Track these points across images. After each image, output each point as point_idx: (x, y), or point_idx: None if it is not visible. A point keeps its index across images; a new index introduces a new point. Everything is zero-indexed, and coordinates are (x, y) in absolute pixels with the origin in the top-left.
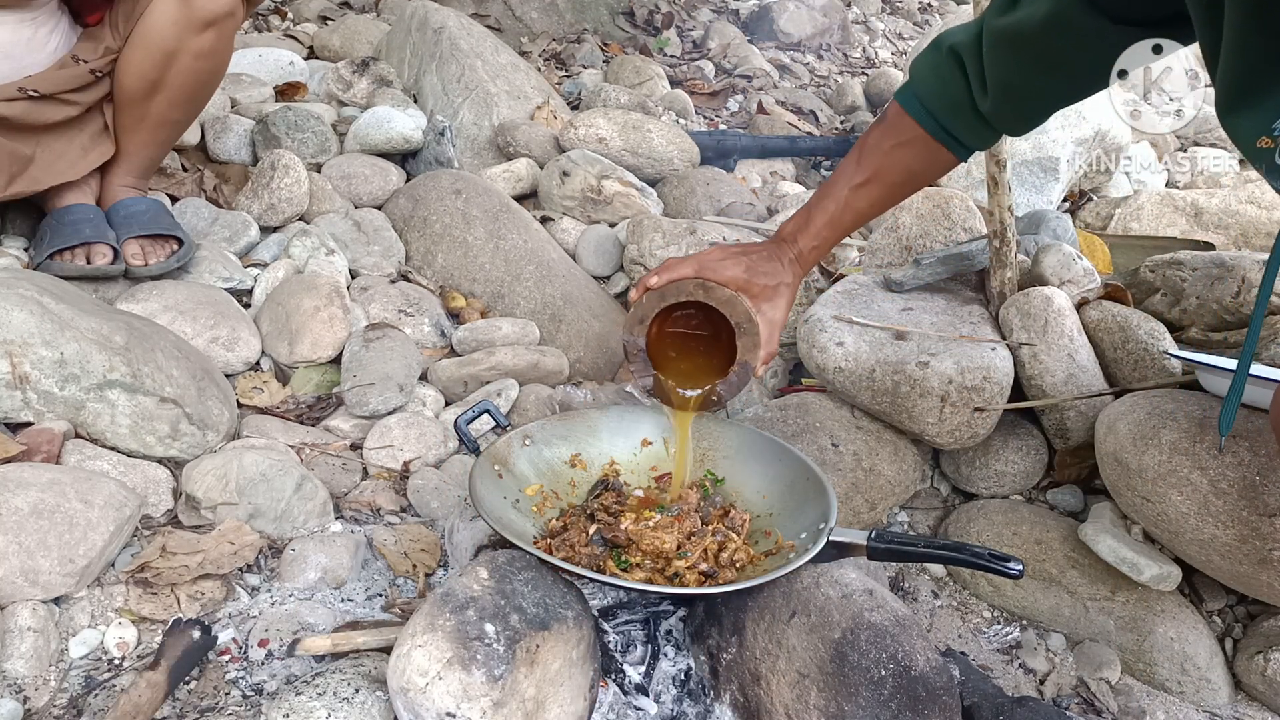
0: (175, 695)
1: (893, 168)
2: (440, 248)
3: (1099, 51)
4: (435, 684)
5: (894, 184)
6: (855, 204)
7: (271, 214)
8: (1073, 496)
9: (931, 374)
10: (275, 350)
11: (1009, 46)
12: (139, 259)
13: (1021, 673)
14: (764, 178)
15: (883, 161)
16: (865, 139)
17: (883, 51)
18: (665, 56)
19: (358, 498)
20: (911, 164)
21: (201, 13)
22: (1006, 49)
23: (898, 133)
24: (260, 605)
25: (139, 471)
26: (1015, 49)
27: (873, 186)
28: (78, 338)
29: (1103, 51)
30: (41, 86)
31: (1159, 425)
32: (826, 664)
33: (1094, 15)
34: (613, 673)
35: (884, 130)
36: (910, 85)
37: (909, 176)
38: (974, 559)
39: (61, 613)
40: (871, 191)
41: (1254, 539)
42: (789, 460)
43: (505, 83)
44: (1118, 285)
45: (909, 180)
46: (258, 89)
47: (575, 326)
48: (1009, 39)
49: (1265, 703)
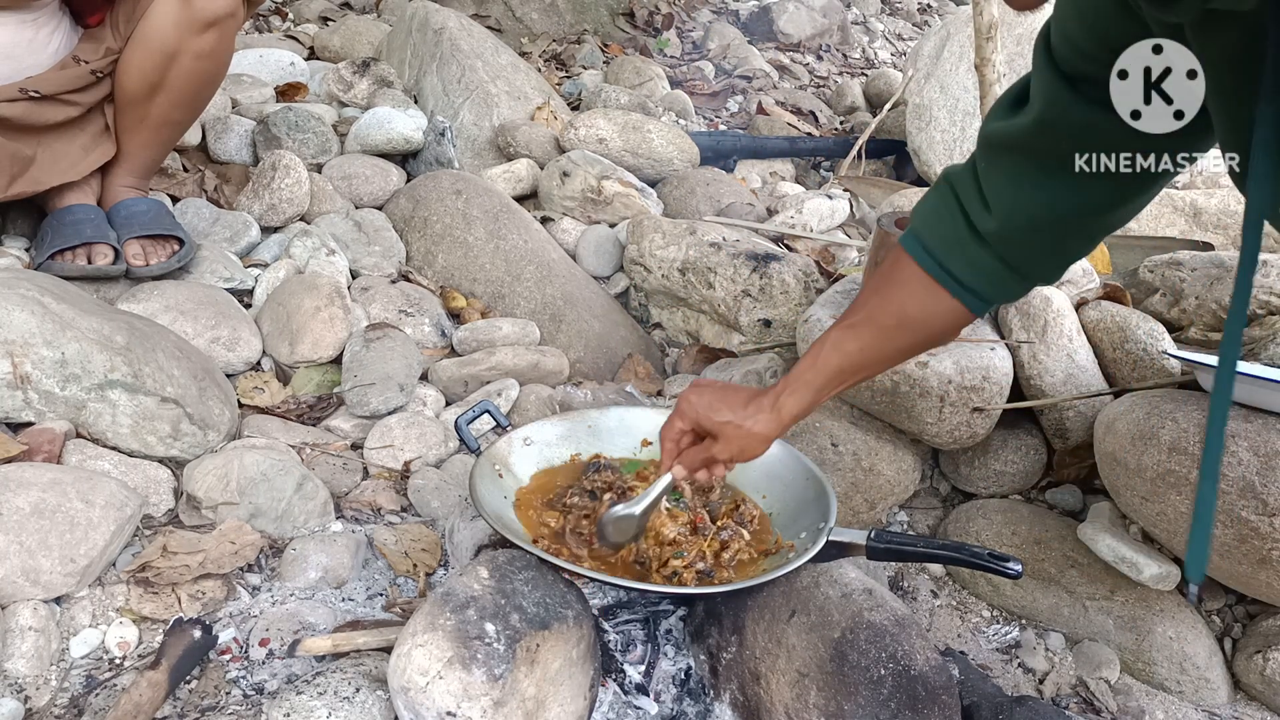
0: (176, 695)
1: (884, 308)
2: (441, 248)
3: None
4: (436, 683)
5: (886, 328)
6: (843, 345)
7: (272, 214)
8: (1072, 496)
9: (931, 374)
10: (276, 350)
11: (1005, 150)
12: (140, 259)
13: (1021, 672)
14: (764, 178)
15: (875, 301)
16: (866, 282)
17: (882, 52)
18: (665, 57)
19: (358, 497)
20: (906, 306)
21: (202, 13)
22: (1002, 152)
23: (894, 272)
24: (261, 605)
25: (140, 471)
26: (1010, 151)
27: (863, 329)
28: (79, 338)
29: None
30: (43, 87)
31: (1158, 425)
32: (826, 663)
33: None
34: (613, 672)
35: (881, 270)
36: (910, 226)
37: (902, 321)
38: (973, 559)
39: (62, 612)
40: (862, 334)
41: (1253, 539)
42: (789, 460)
43: (505, 83)
44: (1117, 285)
45: (902, 326)
46: (258, 89)
47: (575, 327)
48: (1001, 143)
49: (1264, 702)
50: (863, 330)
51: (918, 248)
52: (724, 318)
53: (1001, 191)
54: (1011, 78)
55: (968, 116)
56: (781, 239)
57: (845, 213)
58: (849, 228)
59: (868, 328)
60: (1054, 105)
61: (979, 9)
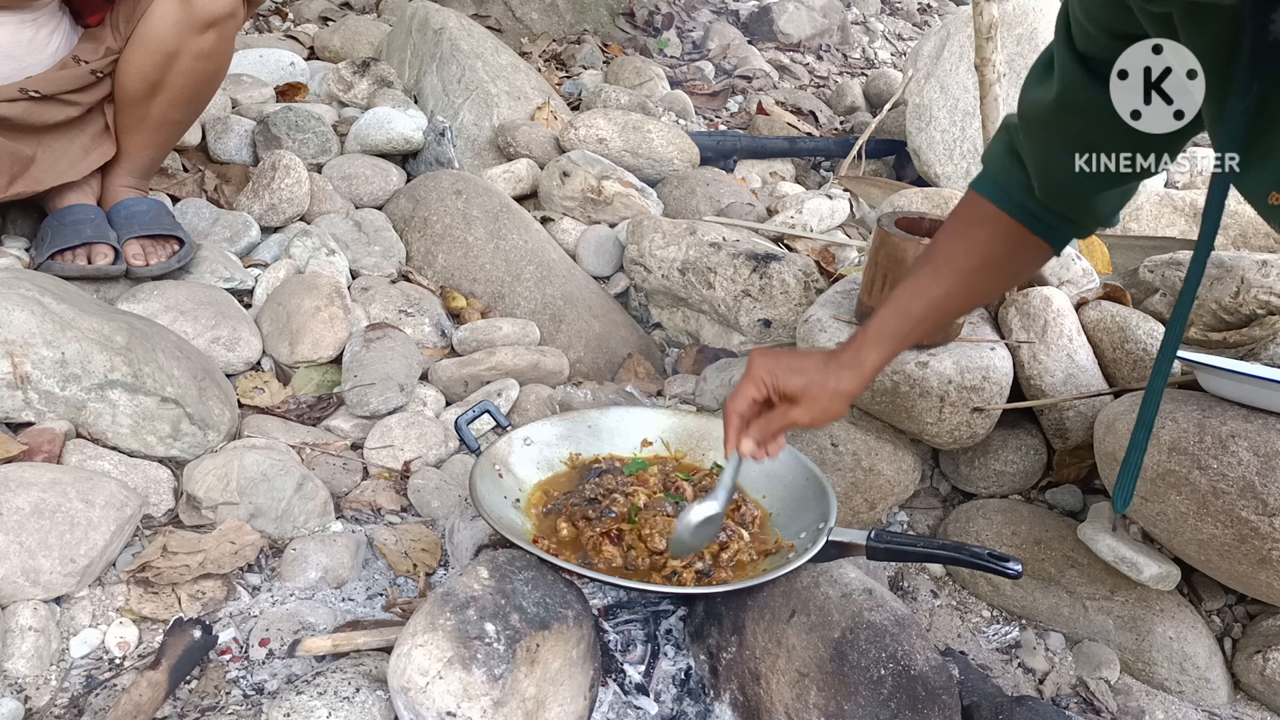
0: (176, 695)
1: (968, 250)
2: (441, 248)
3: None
4: (436, 683)
5: (970, 269)
6: (928, 290)
7: (272, 214)
8: (1072, 496)
9: (931, 374)
10: (276, 350)
11: (1035, 123)
12: (140, 259)
13: (1021, 672)
14: (764, 178)
15: (956, 244)
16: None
17: (882, 52)
18: (665, 57)
19: (358, 497)
20: (990, 246)
21: (202, 13)
22: (1032, 125)
23: (973, 214)
24: (261, 605)
25: (140, 471)
26: (1039, 125)
27: (945, 273)
28: (79, 338)
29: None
30: (43, 87)
31: (1158, 425)
32: (826, 663)
33: (1103, 89)
34: (613, 672)
35: (957, 215)
36: (983, 171)
37: (988, 261)
38: (973, 559)
39: (62, 612)
40: (944, 278)
41: (1253, 538)
42: (789, 460)
43: (505, 83)
44: (1117, 285)
45: (987, 266)
46: (258, 89)
47: (575, 326)
48: (1031, 115)
49: (1264, 702)
50: (944, 274)
51: (996, 189)
52: (724, 318)
53: (1034, 158)
54: (1012, 78)
55: (968, 116)
56: (781, 239)
57: (845, 213)
58: (849, 228)
59: (949, 271)
60: (1072, 84)
61: (979, 9)
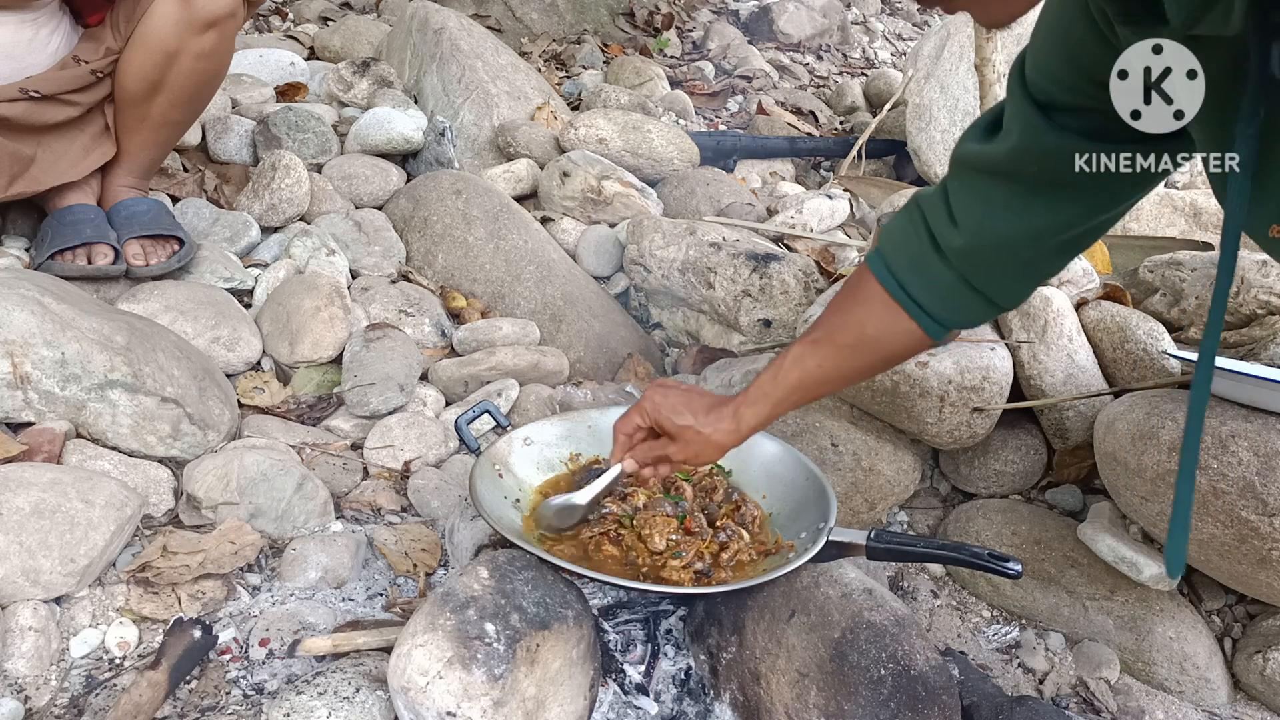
0: (176, 695)
1: (843, 326)
2: (441, 248)
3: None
4: (436, 683)
5: (844, 346)
6: (804, 360)
7: (272, 214)
8: (1072, 496)
9: (931, 374)
10: (276, 350)
11: (977, 172)
12: (140, 259)
13: (1021, 672)
14: (764, 178)
15: (836, 319)
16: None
17: (882, 52)
18: (665, 57)
19: (358, 497)
20: (865, 325)
21: (202, 13)
22: (974, 174)
23: (856, 290)
24: (261, 605)
25: (140, 471)
26: (984, 174)
27: (823, 346)
28: (79, 338)
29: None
30: (43, 87)
31: (1158, 425)
32: (826, 663)
33: (1066, 136)
34: (613, 672)
35: (845, 287)
36: (876, 245)
37: (860, 340)
38: (973, 559)
39: (62, 612)
40: (821, 351)
41: (1253, 538)
42: (789, 460)
43: (505, 83)
44: (1117, 285)
45: (860, 345)
46: (259, 89)
47: (575, 326)
48: (975, 165)
49: (1264, 702)
50: (822, 347)
51: (880, 266)
52: (724, 318)
53: (971, 210)
54: None
55: (968, 116)
56: (781, 239)
57: (845, 213)
58: (849, 228)
59: (827, 345)
60: (1029, 133)
61: None
